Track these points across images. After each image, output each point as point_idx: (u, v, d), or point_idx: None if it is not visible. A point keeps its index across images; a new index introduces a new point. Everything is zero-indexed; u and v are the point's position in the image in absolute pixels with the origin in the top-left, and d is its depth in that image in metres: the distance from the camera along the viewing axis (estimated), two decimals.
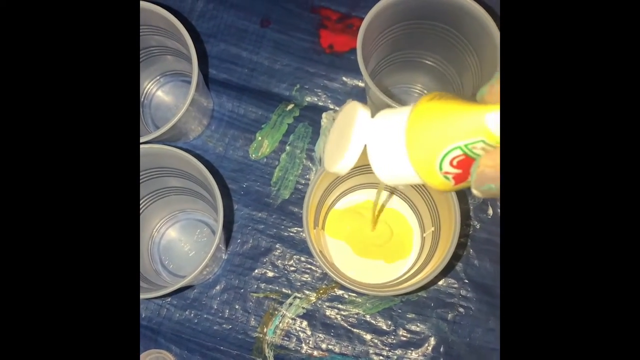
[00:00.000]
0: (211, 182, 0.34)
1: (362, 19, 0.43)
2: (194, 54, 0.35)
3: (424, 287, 0.34)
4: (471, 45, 0.34)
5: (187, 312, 0.40)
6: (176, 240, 0.42)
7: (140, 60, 0.40)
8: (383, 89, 0.33)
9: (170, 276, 0.41)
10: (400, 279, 0.37)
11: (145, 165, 0.36)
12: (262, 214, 0.42)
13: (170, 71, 0.43)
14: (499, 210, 0.41)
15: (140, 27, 0.37)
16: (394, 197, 0.39)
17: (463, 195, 0.41)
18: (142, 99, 0.43)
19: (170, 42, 0.38)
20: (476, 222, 0.41)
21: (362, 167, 0.36)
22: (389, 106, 0.33)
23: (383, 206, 0.40)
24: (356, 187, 0.39)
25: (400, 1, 0.33)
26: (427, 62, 0.38)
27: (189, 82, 0.43)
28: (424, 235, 0.38)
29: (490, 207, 0.41)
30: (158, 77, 0.43)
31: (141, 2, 0.35)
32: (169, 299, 0.41)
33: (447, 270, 0.40)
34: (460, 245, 0.40)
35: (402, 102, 0.33)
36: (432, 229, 0.36)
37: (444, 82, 0.39)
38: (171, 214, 0.42)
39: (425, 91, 0.42)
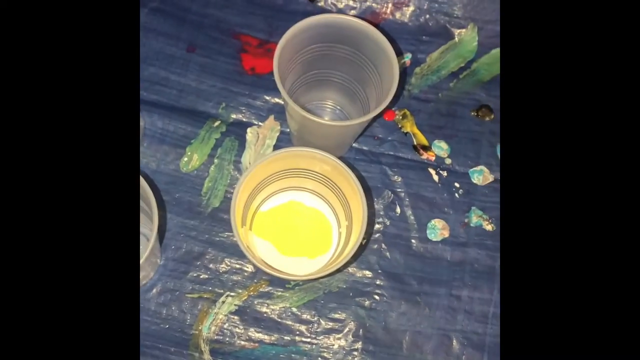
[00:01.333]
0: (148, 193, 0.37)
1: None
2: None
3: (338, 271, 0.38)
4: (371, 63, 0.40)
5: None
6: None
7: None
8: (300, 105, 0.38)
9: None
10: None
11: None
12: (194, 221, 0.45)
13: None
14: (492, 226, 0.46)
15: None
16: (314, 196, 0.44)
17: (374, 195, 0.46)
18: None
19: None
20: (386, 220, 0.46)
21: (285, 172, 0.41)
22: (304, 118, 0.38)
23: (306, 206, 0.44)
24: (279, 191, 0.44)
25: (309, 27, 0.38)
26: (336, 80, 0.44)
27: None
28: (340, 230, 0.43)
29: (398, 206, 0.46)
30: None
31: None
32: None
33: (363, 262, 0.45)
34: (374, 241, 0.45)
35: (317, 116, 0.38)
36: (346, 223, 0.41)
37: (352, 96, 0.44)
38: None
39: (338, 107, 0.47)
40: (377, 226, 0.46)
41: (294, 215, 0.44)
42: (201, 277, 0.44)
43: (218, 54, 0.49)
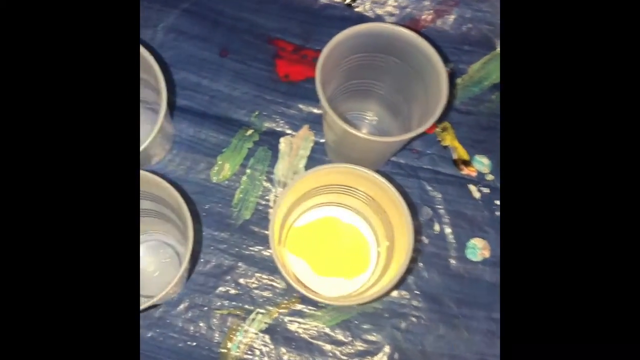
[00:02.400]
0: (182, 207, 0.35)
1: (316, 50, 0.47)
2: (162, 85, 0.37)
3: (379, 298, 0.36)
4: (418, 76, 0.38)
5: (152, 331, 0.41)
6: (140, 261, 0.43)
7: None
8: (338, 115, 0.36)
9: None
10: (358, 292, 0.39)
11: None
12: (224, 234, 0.44)
13: None
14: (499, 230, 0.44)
15: None
16: (350, 212, 0.42)
17: (414, 212, 0.44)
18: None
19: None
20: (424, 238, 0.44)
21: (323, 187, 0.39)
22: (345, 131, 0.36)
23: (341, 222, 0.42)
24: (315, 206, 0.42)
25: (354, 35, 0.36)
26: (377, 91, 0.42)
27: (152, 109, 0.45)
28: (379, 249, 0.41)
29: (436, 223, 0.44)
30: None
31: None
32: None
33: (400, 283, 0.43)
34: (411, 260, 0.43)
35: (355, 127, 0.36)
36: (387, 243, 0.39)
37: (393, 109, 0.42)
38: None
39: (377, 119, 0.45)
40: None
41: (330, 232, 0.42)
42: (230, 292, 0.43)
43: (252, 59, 0.47)
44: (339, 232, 0.42)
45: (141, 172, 0.36)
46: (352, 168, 0.36)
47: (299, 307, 0.42)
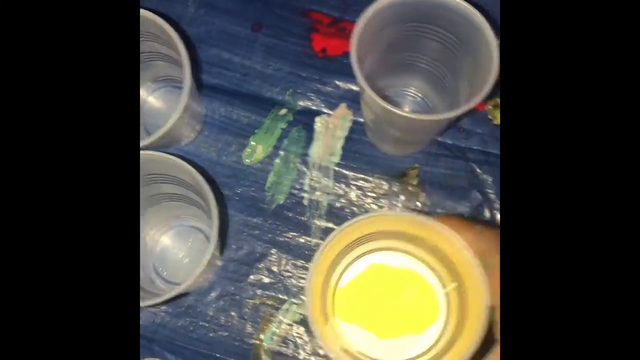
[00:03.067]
0: (205, 189, 0.33)
1: (354, 22, 0.43)
2: (186, 61, 0.34)
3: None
4: (466, 47, 0.34)
5: (182, 320, 0.40)
6: (170, 247, 0.41)
7: None
8: (377, 92, 0.33)
9: (165, 284, 0.41)
10: (437, 346, 0.33)
11: None
12: (257, 219, 0.41)
13: (162, 77, 0.43)
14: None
15: None
16: (398, 254, 0.35)
17: (462, 197, 0.41)
18: None
19: (163, 48, 0.38)
20: None
21: (364, 237, 0.33)
22: (384, 109, 0.33)
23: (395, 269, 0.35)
24: (357, 258, 0.35)
25: (395, 4, 0.33)
26: (421, 65, 0.38)
27: (181, 88, 0.43)
28: (445, 291, 0.34)
29: (486, 209, 0.41)
30: (149, 83, 0.43)
31: None
32: (164, 307, 0.40)
33: None
34: None
35: (396, 105, 0.33)
36: (455, 284, 0.32)
37: (438, 85, 0.39)
38: (164, 221, 0.42)
39: (420, 95, 0.42)
40: None
41: (382, 284, 0.34)
42: (263, 280, 0.40)
43: (286, 33, 0.44)
44: (392, 280, 0.35)
45: (164, 155, 0.34)
46: (407, 216, 0.30)
47: None
